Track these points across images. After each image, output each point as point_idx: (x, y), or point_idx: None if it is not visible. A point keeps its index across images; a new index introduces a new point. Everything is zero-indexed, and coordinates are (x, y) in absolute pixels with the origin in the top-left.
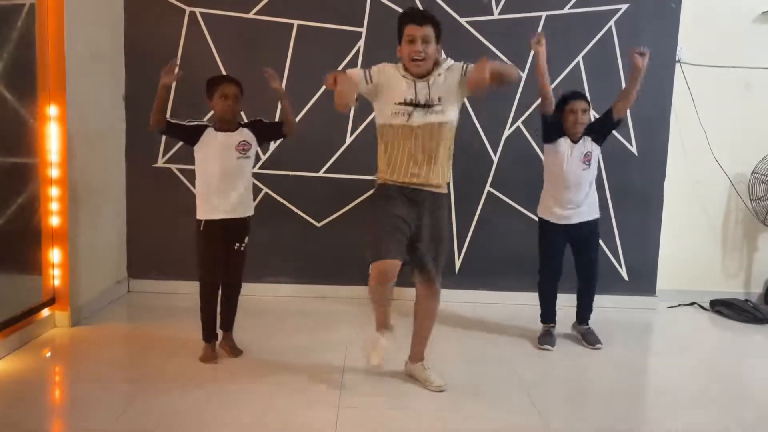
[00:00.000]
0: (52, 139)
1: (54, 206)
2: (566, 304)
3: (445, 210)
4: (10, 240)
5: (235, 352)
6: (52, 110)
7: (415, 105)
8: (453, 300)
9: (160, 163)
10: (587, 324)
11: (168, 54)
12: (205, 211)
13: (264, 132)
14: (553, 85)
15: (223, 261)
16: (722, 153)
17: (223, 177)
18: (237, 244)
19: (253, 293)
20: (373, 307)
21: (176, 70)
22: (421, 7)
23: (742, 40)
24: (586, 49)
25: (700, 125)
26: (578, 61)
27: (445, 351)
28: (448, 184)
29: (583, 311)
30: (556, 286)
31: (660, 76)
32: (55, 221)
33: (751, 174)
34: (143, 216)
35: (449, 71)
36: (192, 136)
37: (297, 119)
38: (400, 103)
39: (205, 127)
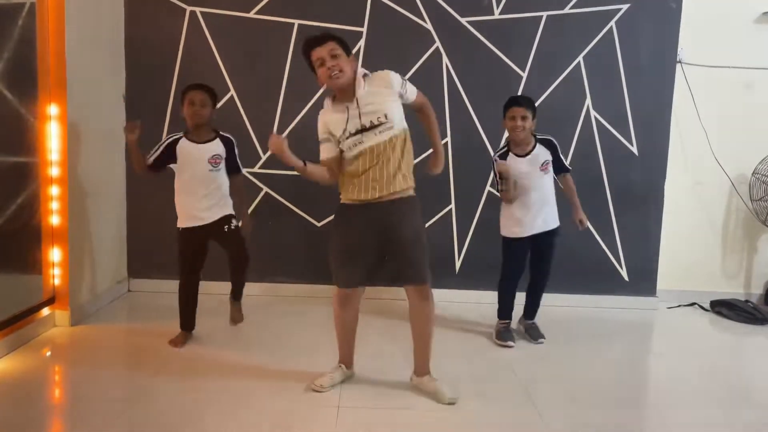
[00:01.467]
0: (53, 138)
1: (54, 205)
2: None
3: (415, 211)
4: (10, 239)
5: (234, 318)
6: (53, 109)
7: (362, 130)
8: (453, 300)
9: None
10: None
11: (168, 53)
12: (181, 219)
13: (227, 158)
14: (553, 86)
15: (200, 262)
16: (723, 153)
17: (196, 186)
18: (226, 227)
19: (252, 293)
20: (336, 333)
21: (137, 127)
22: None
23: (742, 40)
24: (586, 49)
25: (701, 125)
26: (579, 61)
27: (445, 351)
28: (414, 187)
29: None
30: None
31: (661, 77)
32: (55, 220)
33: (752, 174)
34: (143, 215)
35: (369, 81)
36: (170, 155)
37: (297, 119)
38: (349, 137)
39: (176, 140)
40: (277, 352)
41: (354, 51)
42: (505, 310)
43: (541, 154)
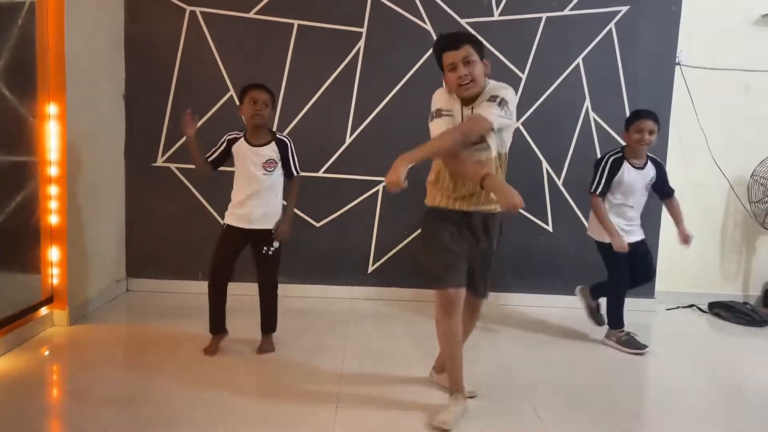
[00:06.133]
0: (52, 138)
1: (53, 205)
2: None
3: (498, 226)
4: (9, 238)
5: (263, 348)
6: (52, 109)
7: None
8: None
9: (159, 162)
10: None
11: (168, 53)
12: (228, 216)
13: (283, 162)
14: (553, 87)
15: (230, 265)
16: (721, 155)
17: (248, 188)
18: (264, 248)
19: (251, 293)
20: (441, 351)
21: (194, 119)
22: (449, 31)
23: (741, 42)
24: (586, 50)
25: (700, 127)
26: (578, 63)
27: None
28: None
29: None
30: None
31: (660, 78)
32: (54, 220)
33: (750, 176)
34: (142, 215)
35: (486, 94)
36: (228, 154)
37: (296, 119)
38: None
39: (235, 139)
40: (275, 351)
41: (353, 52)
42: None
43: (650, 172)
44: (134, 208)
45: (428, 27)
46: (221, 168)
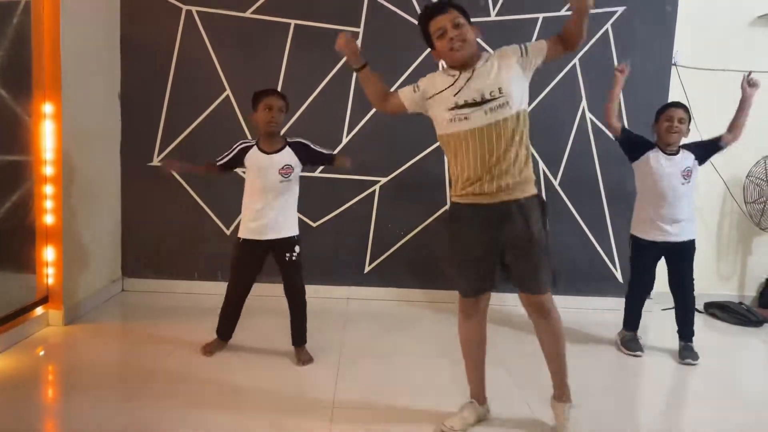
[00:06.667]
0: (47, 137)
1: (48, 204)
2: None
3: (534, 211)
4: (4, 237)
5: (301, 360)
6: (48, 108)
7: (472, 104)
8: (452, 301)
9: (155, 161)
10: (689, 340)
11: (164, 52)
12: (242, 229)
13: (311, 159)
14: (549, 87)
15: (249, 275)
16: (717, 156)
17: (264, 197)
18: (287, 255)
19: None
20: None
21: (174, 165)
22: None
23: (738, 43)
24: (582, 51)
25: (696, 128)
26: (575, 63)
27: (442, 352)
28: (535, 182)
29: (682, 327)
30: (645, 299)
31: (656, 79)
32: (49, 219)
33: (746, 177)
34: (138, 215)
35: (499, 56)
36: (239, 161)
37: (293, 119)
38: (453, 108)
39: (248, 147)
40: (271, 351)
41: None
42: (632, 321)
43: (686, 158)
44: (130, 207)
45: None
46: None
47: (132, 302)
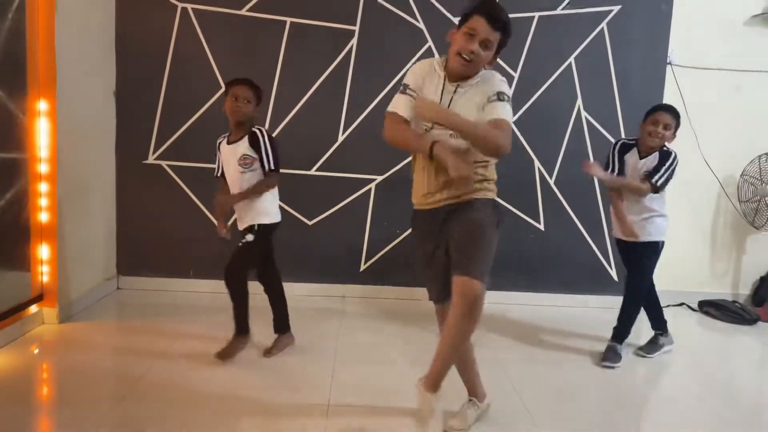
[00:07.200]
0: (42, 135)
1: (43, 202)
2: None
3: (486, 207)
4: None
5: (266, 352)
6: (42, 105)
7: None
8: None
9: (150, 159)
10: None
11: (159, 50)
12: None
13: (260, 155)
14: (545, 86)
15: (256, 267)
16: (712, 155)
17: (232, 189)
18: (242, 241)
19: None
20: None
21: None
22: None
23: (732, 42)
24: (578, 50)
25: (690, 127)
26: (570, 62)
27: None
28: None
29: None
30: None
31: (651, 78)
32: (44, 217)
33: (740, 176)
34: (133, 213)
35: (481, 83)
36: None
37: (289, 117)
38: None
39: (221, 141)
40: (261, 348)
41: (346, 50)
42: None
43: (650, 162)
44: (125, 205)
45: (421, 25)
46: (212, 166)
47: (127, 300)
